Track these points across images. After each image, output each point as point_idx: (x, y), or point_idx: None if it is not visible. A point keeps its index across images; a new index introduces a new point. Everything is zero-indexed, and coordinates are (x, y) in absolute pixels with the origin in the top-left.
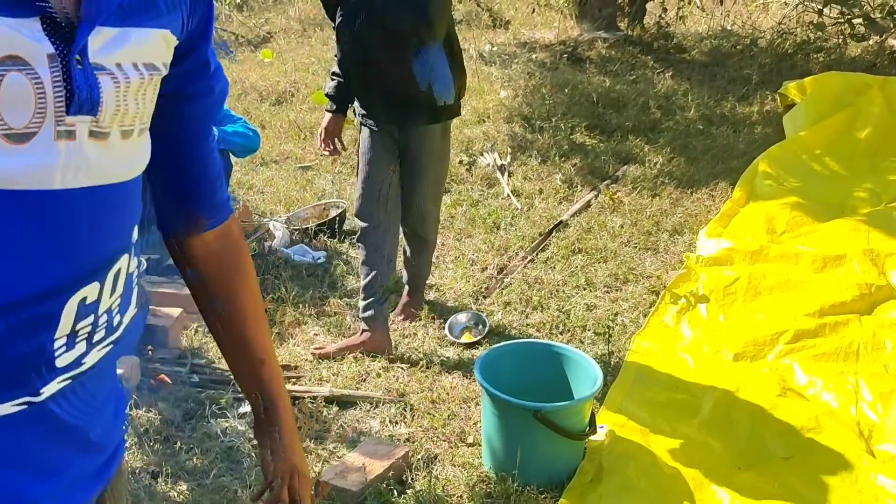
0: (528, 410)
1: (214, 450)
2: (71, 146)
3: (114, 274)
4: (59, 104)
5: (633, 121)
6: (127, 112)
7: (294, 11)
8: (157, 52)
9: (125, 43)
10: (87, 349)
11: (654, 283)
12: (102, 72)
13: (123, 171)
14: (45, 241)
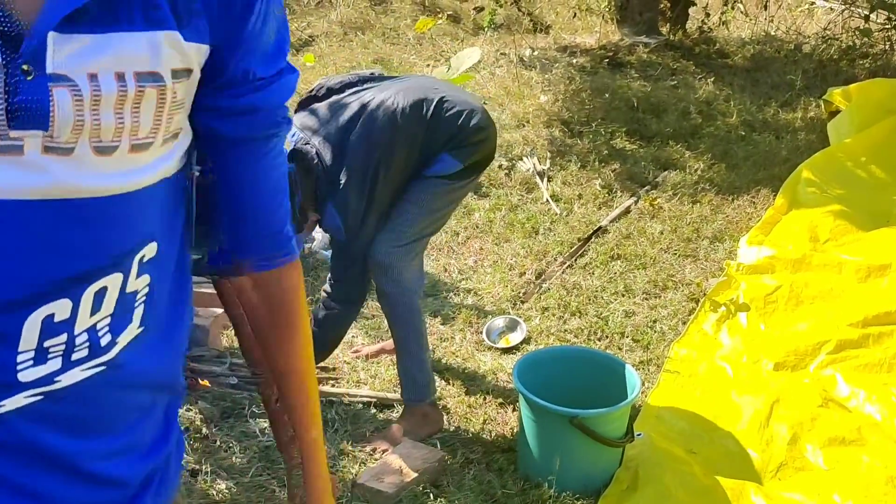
0: (564, 416)
1: (253, 448)
2: (18, 160)
3: (94, 292)
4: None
5: (674, 126)
6: (100, 127)
7: (336, 15)
8: (158, 59)
9: (105, 50)
10: (64, 367)
11: (693, 290)
12: (61, 83)
13: (103, 187)
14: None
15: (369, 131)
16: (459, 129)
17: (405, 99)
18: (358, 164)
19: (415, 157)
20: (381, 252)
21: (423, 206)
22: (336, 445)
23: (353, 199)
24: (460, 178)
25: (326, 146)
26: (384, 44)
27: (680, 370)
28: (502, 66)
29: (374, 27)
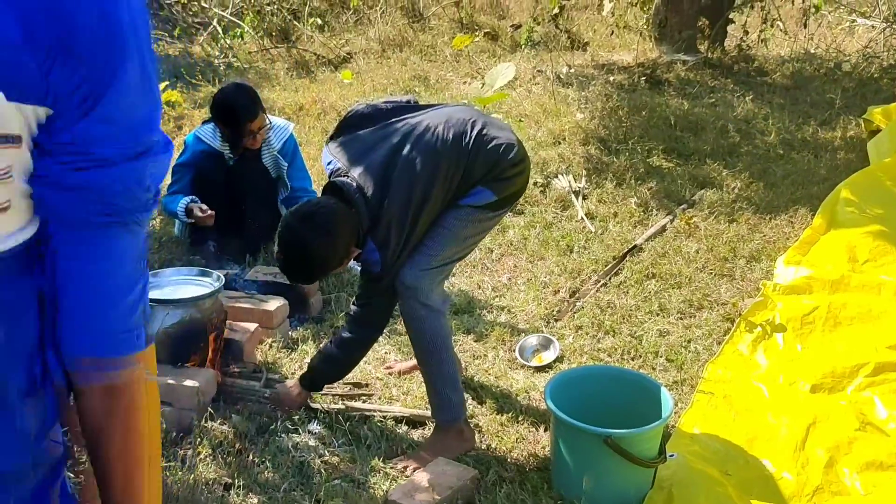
0: (597, 436)
1: (286, 464)
2: None
3: None
4: None
5: (712, 144)
6: None
7: (374, 33)
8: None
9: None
10: None
11: (729, 310)
12: None
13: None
14: None
15: (411, 166)
16: (497, 163)
17: (446, 132)
18: (400, 201)
19: (453, 189)
20: (409, 275)
21: (455, 234)
22: (367, 462)
23: (393, 236)
24: (493, 209)
25: (368, 180)
26: (422, 61)
27: (714, 391)
28: (539, 84)
29: (412, 44)
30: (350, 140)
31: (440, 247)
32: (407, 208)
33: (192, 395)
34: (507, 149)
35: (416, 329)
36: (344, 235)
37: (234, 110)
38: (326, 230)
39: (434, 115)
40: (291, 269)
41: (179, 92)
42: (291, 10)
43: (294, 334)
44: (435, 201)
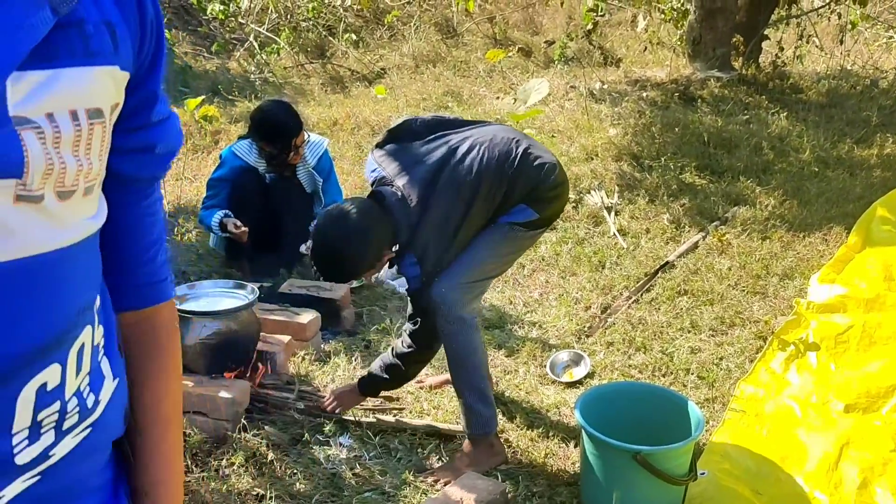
0: (628, 452)
1: (318, 475)
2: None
3: (77, 351)
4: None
5: (745, 162)
6: (65, 170)
7: (408, 48)
8: (103, 94)
9: (57, 87)
10: (57, 439)
11: (761, 328)
12: (27, 126)
13: (66, 237)
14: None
15: (457, 182)
16: (539, 183)
17: (491, 150)
18: (441, 216)
19: (495, 206)
20: (444, 288)
21: (494, 250)
22: (399, 475)
23: (433, 251)
24: (532, 227)
25: (412, 191)
26: (455, 76)
27: (746, 409)
28: (572, 100)
29: (446, 60)
30: (398, 150)
31: (479, 262)
32: (447, 224)
33: (227, 406)
34: (549, 170)
35: (450, 341)
36: (376, 239)
37: (280, 127)
38: (357, 231)
39: (480, 132)
40: (322, 267)
41: (216, 107)
42: (327, 27)
43: (326, 347)
44: (476, 217)
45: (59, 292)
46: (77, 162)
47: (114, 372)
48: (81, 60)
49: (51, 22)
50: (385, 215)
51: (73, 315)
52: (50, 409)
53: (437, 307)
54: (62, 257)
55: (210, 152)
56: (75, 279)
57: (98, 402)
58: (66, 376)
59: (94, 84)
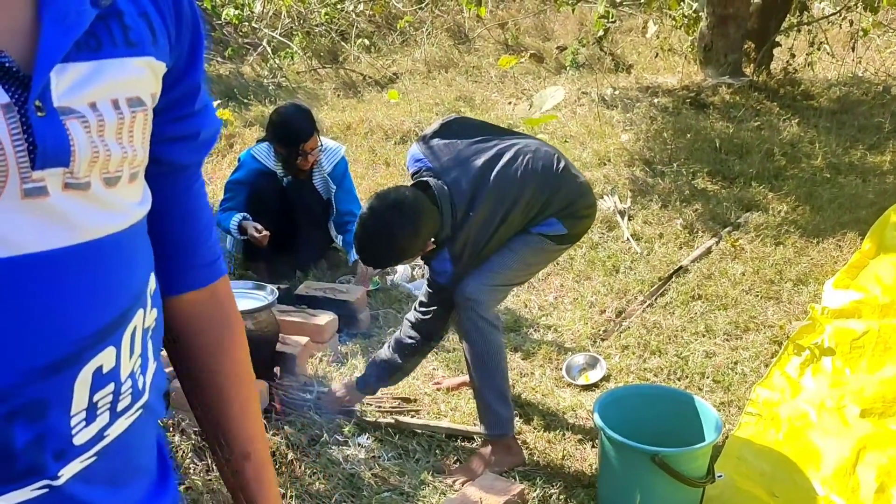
0: (646, 454)
1: (337, 476)
2: (43, 204)
3: (130, 334)
4: (21, 159)
5: (757, 167)
6: (110, 157)
7: (420, 54)
8: (142, 83)
9: (100, 78)
10: (112, 419)
11: (776, 333)
12: (71, 115)
13: (116, 222)
14: (27, 312)
15: (503, 187)
16: (576, 200)
17: (535, 161)
18: (483, 220)
19: (530, 216)
20: (471, 288)
21: (521, 258)
22: (417, 476)
23: (467, 252)
24: (560, 241)
25: (459, 189)
26: (467, 81)
27: (762, 412)
28: (584, 105)
29: (458, 65)
30: (447, 145)
31: (506, 267)
32: (487, 226)
33: None
34: (586, 189)
35: (473, 341)
36: (426, 229)
37: (290, 130)
38: (413, 220)
39: (523, 142)
40: (368, 251)
41: (231, 111)
42: (339, 32)
43: (343, 349)
44: (512, 224)
45: (114, 276)
46: (122, 149)
47: (157, 356)
48: (122, 51)
49: (92, 14)
50: (434, 209)
51: (129, 299)
52: (105, 390)
53: (466, 306)
54: (115, 242)
55: (225, 155)
56: (129, 263)
57: (146, 385)
58: (121, 359)
59: (134, 74)
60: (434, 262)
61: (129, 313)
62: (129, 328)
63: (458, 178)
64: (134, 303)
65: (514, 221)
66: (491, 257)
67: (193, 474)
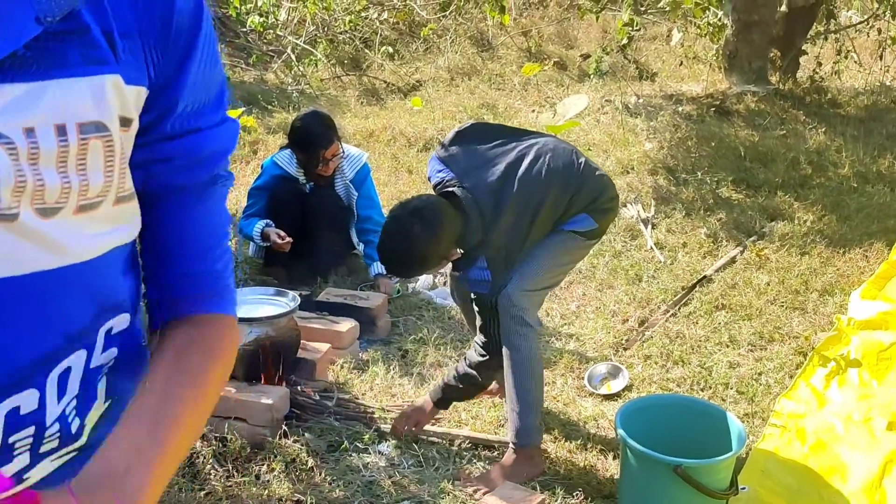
0: (668, 465)
1: (356, 483)
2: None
3: (58, 375)
4: None
5: (782, 176)
6: (43, 187)
7: (443, 61)
8: (104, 106)
9: (41, 101)
10: (33, 461)
11: (801, 344)
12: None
13: (57, 257)
14: None
15: (528, 188)
16: (601, 193)
17: (555, 160)
18: (514, 221)
19: (559, 215)
20: (514, 294)
21: (556, 258)
22: (436, 484)
23: (503, 256)
24: (590, 237)
25: (484, 195)
26: (490, 89)
27: (787, 424)
28: (607, 113)
29: (481, 73)
30: (467, 152)
31: (543, 269)
32: (517, 229)
33: (266, 412)
34: (608, 181)
35: (516, 347)
36: (449, 236)
37: (310, 136)
38: (433, 227)
39: (541, 141)
40: (391, 260)
41: (254, 118)
42: (363, 39)
43: (364, 355)
44: (542, 225)
45: (39, 316)
46: (63, 178)
47: (113, 393)
48: (78, 71)
49: (34, 31)
50: (457, 215)
51: (57, 340)
52: (23, 432)
53: (509, 312)
54: (48, 279)
55: (248, 162)
56: (66, 302)
57: (84, 427)
58: (46, 401)
59: (89, 96)
60: (471, 273)
61: (59, 355)
62: (58, 370)
63: (481, 183)
64: (67, 344)
65: (544, 222)
66: (527, 261)
67: (214, 480)
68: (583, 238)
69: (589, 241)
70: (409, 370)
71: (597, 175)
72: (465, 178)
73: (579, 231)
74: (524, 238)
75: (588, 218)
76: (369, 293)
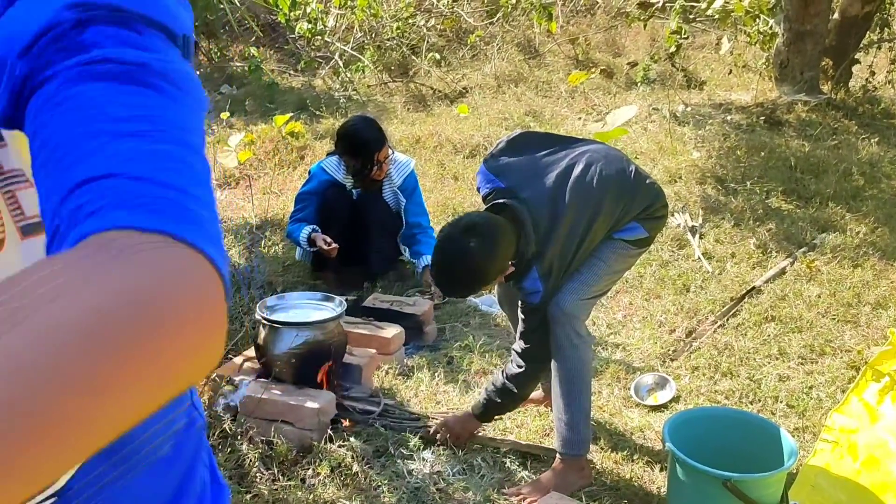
0: (717, 479)
1: (402, 489)
2: None
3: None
4: None
5: (834, 187)
6: None
7: (490, 68)
8: None
9: None
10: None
11: (853, 357)
12: None
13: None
14: None
15: (582, 197)
16: (652, 203)
17: (608, 168)
18: (569, 231)
19: (612, 223)
20: (567, 303)
21: (609, 266)
22: (482, 492)
23: (556, 268)
24: (640, 245)
25: (538, 206)
26: (536, 96)
27: (838, 440)
28: (655, 122)
29: (528, 80)
30: (517, 162)
31: (596, 277)
32: (572, 239)
33: (313, 416)
34: (658, 189)
35: (566, 357)
36: (505, 251)
37: (362, 141)
38: (490, 243)
39: (591, 148)
40: (447, 281)
41: (303, 123)
42: (410, 46)
43: (410, 362)
44: (595, 235)
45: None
46: None
47: None
48: None
49: None
50: (512, 229)
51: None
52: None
53: (561, 322)
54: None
55: (296, 167)
56: None
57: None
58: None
59: None
60: (525, 284)
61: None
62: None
63: (533, 194)
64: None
65: (598, 231)
66: (579, 270)
67: (260, 483)
68: (633, 247)
69: (639, 250)
70: (455, 377)
71: (647, 183)
72: (516, 189)
73: (629, 239)
74: (578, 247)
75: (639, 227)
76: (416, 299)
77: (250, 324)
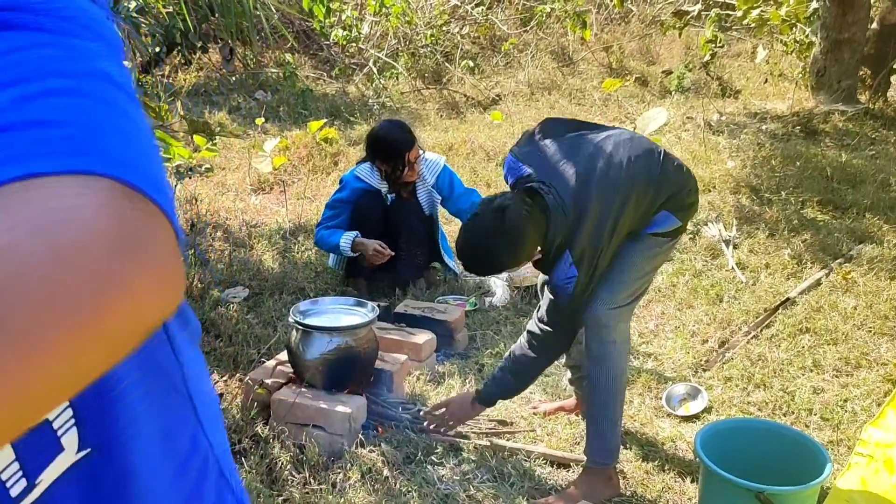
0: (750, 491)
1: (431, 495)
2: None
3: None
4: None
5: (871, 198)
6: None
7: (524, 76)
8: None
9: None
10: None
11: (890, 370)
12: None
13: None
14: None
15: (610, 181)
16: (681, 188)
17: (636, 150)
18: (599, 217)
19: (641, 211)
20: (601, 311)
21: (639, 268)
22: (511, 500)
23: (589, 253)
24: (671, 236)
25: (567, 191)
26: (570, 104)
27: (873, 454)
28: (689, 130)
29: (561, 87)
30: (543, 148)
31: (629, 282)
32: (603, 225)
33: (344, 421)
34: (688, 172)
35: (601, 366)
36: (531, 235)
37: (392, 143)
38: (517, 225)
39: (617, 133)
40: (472, 258)
41: (336, 129)
42: (444, 53)
43: (441, 368)
44: (626, 220)
45: None
46: None
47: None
48: None
49: None
50: (541, 213)
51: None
52: None
53: (600, 328)
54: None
55: (329, 173)
56: None
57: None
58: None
59: None
60: (557, 271)
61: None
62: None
63: (561, 179)
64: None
65: (628, 217)
66: (611, 274)
67: (291, 486)
68: (666, 239)
69: (669, 243)
70: None
71: (676, 165)
72: (544, 175)
73: (661, 232)
74: (610, 234)
75: (671, 216)
76: (447, 306)
77: (283, 328)
